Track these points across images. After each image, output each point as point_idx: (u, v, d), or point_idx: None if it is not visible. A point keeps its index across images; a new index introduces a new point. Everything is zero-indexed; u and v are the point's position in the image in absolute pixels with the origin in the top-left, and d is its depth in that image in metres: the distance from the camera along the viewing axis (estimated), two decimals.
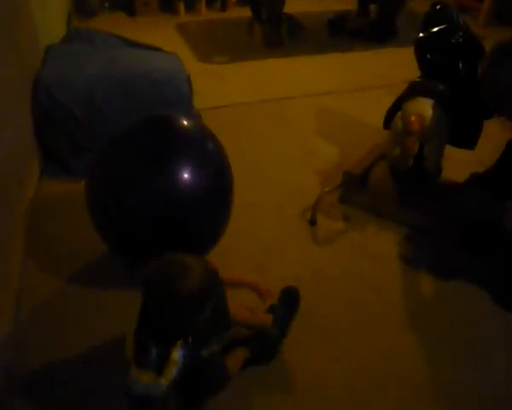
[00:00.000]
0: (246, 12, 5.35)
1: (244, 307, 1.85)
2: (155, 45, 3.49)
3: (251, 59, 4.55)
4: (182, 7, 5.55)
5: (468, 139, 2.54)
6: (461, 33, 2.48)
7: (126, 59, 3.12)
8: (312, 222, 2.57)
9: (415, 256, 2.39)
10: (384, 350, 1.94)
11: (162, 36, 4.82)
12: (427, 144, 2.45)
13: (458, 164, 2.79)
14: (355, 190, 2.68)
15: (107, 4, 5.50)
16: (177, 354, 1.48)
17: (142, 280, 1.46)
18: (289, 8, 5.28)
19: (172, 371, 1.46)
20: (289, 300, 2.01)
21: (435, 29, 2.55)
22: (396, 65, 4.33)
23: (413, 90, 2.52)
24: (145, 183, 1.88)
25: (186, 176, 1.91)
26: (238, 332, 1.83)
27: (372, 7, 5.14)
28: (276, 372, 1.82)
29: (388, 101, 2.67)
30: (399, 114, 2.51)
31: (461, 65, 2.45)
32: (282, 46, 4.88)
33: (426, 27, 2.62)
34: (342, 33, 5.19)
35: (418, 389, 1.81)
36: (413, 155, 2.46)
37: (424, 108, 2.41)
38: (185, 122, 2.06)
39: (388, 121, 2.61)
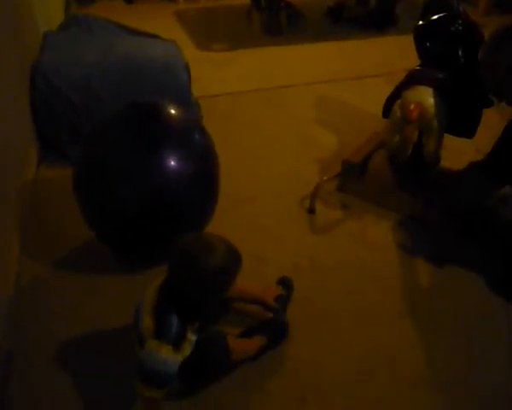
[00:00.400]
0: None
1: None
2: (153, 33, 3.48)
3: (250, 47, 4.53)
4: None
5: (467, 128, 2.54)
6: (460, 21, 2.47)
7: (124, 46, 3.10)
8: (311, 211, 2.57)
9: (413, 245, 2.39)
10: (382, 338, 1.95)
11: (160, 23, 4.80)
12: (426, 133, 2.45)
13: (457, 153, 2.79)
14: (354, 179, 2.68)
15: None
16: (192, 335, 1.52)
17: (171, 255, 1.52)
18: None
19: (188, 350, 1.50)
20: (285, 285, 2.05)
21: (435, 17, 2.53)
22: (395, 53, 4.31)
23: (412, 79, 2.51)
24: (128, 171, 1.89)
25: (170, 163, 1.91)
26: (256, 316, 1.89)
27: None
28: (275, 361, 1.83)
29: (387, 89, 2.66)
30: (398, 102, 2.50)
31: (460, 53, 2.44)
32: (281, 34, 4.85)
33: (425, 15, 2.60)
34: (341, 21, 5.16)
35: (416, 377, 1.81)
36: (412, 144, 2.46)
37: (423, 96, 2.40)
38: (169, 109, 2.06)
39: (387, 110, 2.60)
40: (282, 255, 2.31)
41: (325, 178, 2.64)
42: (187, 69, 3.08)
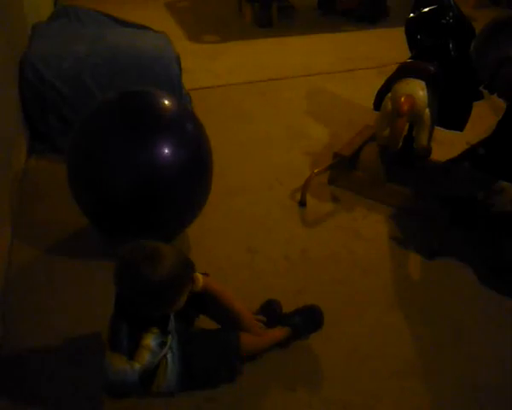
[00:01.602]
0: None
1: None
2: (144, 24, 3.45)
3: (241, 39, 4.52)
4: None
5: (457, 121, 2.55)
6: (451, 14, 2.47)
7: (114, 37, 3.08)
8: (302, 203, 2.58)
9: (403, 237, 2.41)
10: (372, 329, 1.96)
11: (151, 14, 4.77)
12: (417, 125, 2.45)
13: (447, 145, 2.80)
14: (345, 172, 2.68)
15: None
16: (150, 341, 1.48)
17: (114, 266, 1.45)
18: None
19: (146, 357, 1.46)
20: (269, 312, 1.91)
21: (426, 10, 2.54)
22: (387, 45, 4.32)
23: (403, 72, 2.51)
24: (120, 158, 1.89)
25: (163, 150, 1.91)
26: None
27: None
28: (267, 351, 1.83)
29: (379, 82, 2.66)
30: (389, 95, 2.50)
31: (451, 46, 2.45)
32: (273, 26, 4.83)
33: (417, 8, 2.61)
34: (333, 14, 5.15)
35: (404, 367, 1.83)
36: (403, 136, 2.46)
37: (414, 89, 2.41)
38: (161, 98, 2.06)
39: (378, 102, 2.61)
40: (274, 247, 2.31)
41: (316, 170, 2.64)
42: (178, 61, 3.06)
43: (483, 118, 2.49)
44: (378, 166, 2.70)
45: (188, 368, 1.61)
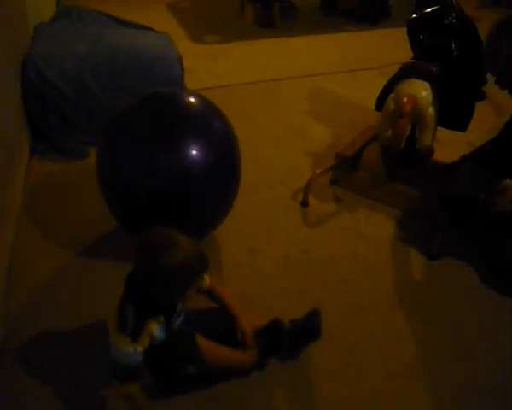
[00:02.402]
0: None
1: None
2: (146, 24, 3.45)
3: (243, 39, 4.52)
4: None
5: (459, 121, 2.54)
6: (454, 14, 2.46)
7: (116, 38, 3.08)
8: (304, 204, 2.58)
9: (405, 237, 2.40)
10: (373, 328, 1.96)
11: (153, 15, 4.77)
12: (419, 126, 2.45)
13: (449, 146, 2.80)
14: (347, 172, 2.68)
15: None
16: (154, 328, 1.50)
17: (135, 247, 1.49)
18: None
19: (147, 341, 1.48)
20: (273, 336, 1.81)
21: (428, 10, 2.53)
22: (389, 46, 4.31)
23: (405, 72, 2.51)
24: (151, 158, 1.90)
25: (192, 151, 1.92)
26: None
27: None
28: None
29: (381, 82, 2.66)
30: (392, 95, 2.50)
31: (453, 46, 2.44)
32: (274, 26, 4.83)
33: (419, 8, 2.60)
34: (335, 14, 5.15)
35: (405, 367, 1.83)
36: (405, 137, 2.46)
37: (416, 89, 2.40)
38: (191, 98, 2.07)
39: (380, 103, 2.60)
40: (275, 247, 2.31)
41: (318, 171, 2.64)
42: (180, 61, 3.06)
43: (485, 118, 2.48)
44: (380, 166, 2.70)
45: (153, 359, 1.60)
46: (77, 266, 2.16)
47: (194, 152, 1.92)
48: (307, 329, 1.82)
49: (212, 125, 2.05)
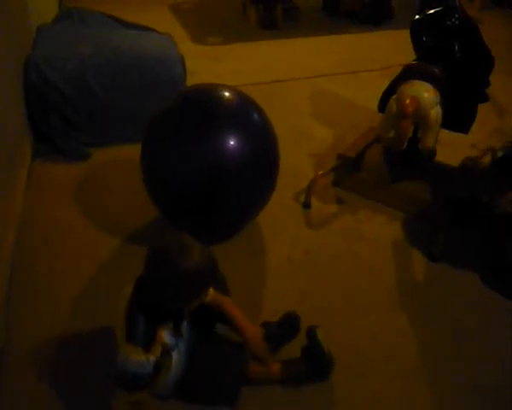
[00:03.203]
0: None
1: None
2: (148, 25, 3.45)
3: (245, 40, 4.52)
4: None
5: (462, 123, 2.54)
6: (457, 16, 2.46)
7: (118, 39, 3.08)
8: (306, 205, 2.57)
9: (407, 239, 2.40)
10: (375, 330, 1.96)
11: (155, 16, 4.77)
12: (422, 127, 2.44)
13: (452, 147, 2.79)
14: (349, 174, 2.68)
15: None
16: (165, 336, 1.48)
17: (147, 253, 1.48)
18: None
19: (159, 350, 1.47)
20: (288, 325, 1.87)
21: (431, 11, 2.53)
22: (392, 47, 4.31)
23: (408, 73, 2.50)
24: (189, 153, 1.96)
25: (229, 143, 1.97)
26: None
27: None
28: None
29: (383, 83, 2.66)
30: (394, 96, 2.49)
31: (456, 48, 2.44)
32: (277, 28, 4.83)
33: (422, 9, 2.60)
34: (337, 15, 5.14)
35: (407, 368, 1.82)
36: (407, 138, 2.45)
37: (419, 91, 2.40)
38: (229, 93, 2.12)
39: (383, 104, 2.60)
40: (278, 249, 2.31)
41: (320, 172, 2.63)
42: (182, 63, 3.06)
43: (488, 120, 2.47)
44: (382, 167, 2.69)
45: (187, 377, 1.60)
46: (80, 266, 2.16)
47: (232, 147, 1.97)
48: (286, 330, 1.84)
49: (251, 120, 2.11)
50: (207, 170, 1.97)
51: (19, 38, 2.83)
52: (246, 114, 2.11)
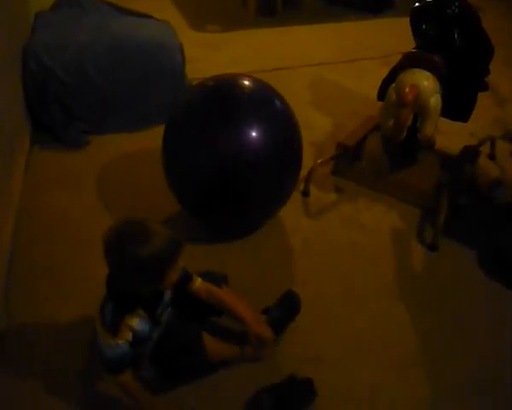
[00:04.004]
0: None
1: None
2: (147, 13, 3.43)
3: (244, 28, 4.49)
4: None
5: (462, 112, 2.53)
6: (457, 4, 2.44)
7: (117, 26, 3.06)
8: (305, 193, 2.57)
9: (406, 228, 2.40)
10: (373, 319, 1.97)
11: (154, 3, 4.72)
12: (421, 116, 2.44)
13: (451, 136, 2.79)
14: (348, 162, 2.67)
15: None
16: (133, 322, 1.50)
17: (103, 239, 1.46)
18: None
19: (128, 336, 1.49)
20: (288, 305, 1.89)
21: None
22: (392, 35, 4.28)
23: (408, 62, 2.49)
24: (213, 143, 1.97)
25: (250, 132, 1.97)
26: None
27: None
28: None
29: (383, 72, 2.65)
30: (394, 85, 2.49)
31: (456, 36, 2.43)
32: (276, 16, 4.80)
33: None
34: (338, 3, 5.11)
35: (406, 357, 1.84)
36: (407, 127, 2.45)
37: (419, 79, 2.39)
38: (251, 83, 2.13)
39: (382, 93, 2.59)
40: (276, 237, 2.31)
41: (319, 161, 2.63)
42: (181, 50, 3.05)
43: (487, 109, 2.46)
44: (382, 156, 2.69)
45: (157, 354, 1.63)
46: (79, 254, 2.16)
47: (255, 137, 1.98)
48: (288, 309, 1.86)
49: (275, 110, 2.12)
50: (229, 159, 1.97)
51: (17, 25, 2.81)
52: (270, 104, 2.11)
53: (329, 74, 3.76)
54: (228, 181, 1.99)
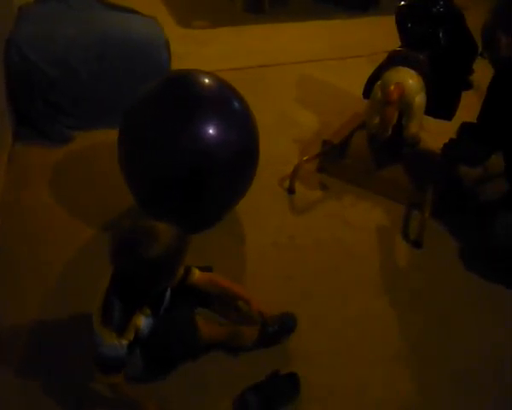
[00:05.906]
0: None
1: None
2: (133, 8, 3.40)
3: (231, 24, 4.47)
4: None
5: (446, 110, 2.55)
6: (442, 3, 2.46)
7: (103, 21, 3.03)
8: (290, 191, 2.58)
9: (391, 225, 2.42)
10: (358, 315, 1.98)
11: None
12: (406, 114, 2.45)
13: (436, 134, 2.80)
14: (334, 160, 2.68)
15: None
16: (141, 321, 1.50)
17: (109, 243, 1.46)
18: None
19: (132, 335, 1.49)
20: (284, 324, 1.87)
21: None
22: (378, 33, 4.29)
23: (393, 60, 2.50)
24: (170, 140, 1.94)
25: (210, 132, 1.96)
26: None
27: None
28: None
29: (369, 70, 2.66)
30: (379, 83, 2.50)
31: (441, 35, 2.44)
32: (264, 12, 4.79)
33: None
34: (325, 0, 5.11)
35: (391, 353, 1.85)
36: (392, 125, 2.46)
37: (404, 77, 2.40)
38: (208, 79, 2.12)
39: (368, 90, 2.60)
40: (262, 234, 2.31)
41: (305, 158, 2.63)
42: (167, 46, 3.03)
43: (471, 107, 2.48)
44: (367, 154, 2.70)
45: (149, 343, 1.61)
46: (62, 250, 2.15)
47: (212, 132, 1.96)
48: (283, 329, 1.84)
49: (232, 107, 2.11)
50: (187, 157, 1.95)
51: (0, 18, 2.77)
52: (227, 101, 2.09)
53: (316, 72, 3.76)
54: (185, 178, 1.98)
